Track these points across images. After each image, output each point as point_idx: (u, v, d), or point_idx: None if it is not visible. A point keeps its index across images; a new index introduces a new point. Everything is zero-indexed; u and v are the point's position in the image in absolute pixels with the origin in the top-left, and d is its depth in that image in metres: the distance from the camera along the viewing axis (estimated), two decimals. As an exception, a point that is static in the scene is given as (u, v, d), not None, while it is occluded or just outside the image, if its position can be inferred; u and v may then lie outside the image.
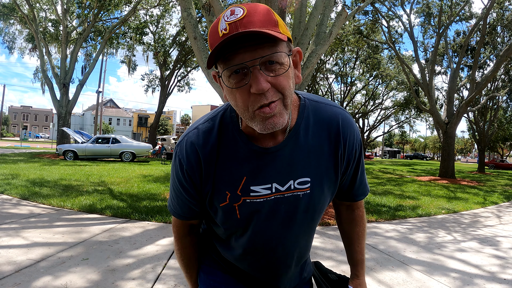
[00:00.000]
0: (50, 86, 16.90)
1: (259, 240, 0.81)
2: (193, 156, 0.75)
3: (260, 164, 0.75)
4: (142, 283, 2.63)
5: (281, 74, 0.63)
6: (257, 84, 0.61)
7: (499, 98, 21.11)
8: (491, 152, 43.09)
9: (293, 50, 0.68)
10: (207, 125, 0.77)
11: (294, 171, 0.76)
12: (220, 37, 0.61)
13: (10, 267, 2.75)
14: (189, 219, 0.87)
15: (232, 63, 0.61)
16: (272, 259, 0.84)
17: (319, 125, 0.78)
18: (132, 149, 15.36)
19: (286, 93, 0.64)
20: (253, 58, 0.60)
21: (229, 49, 0.61)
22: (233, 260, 0.88)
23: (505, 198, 8.89)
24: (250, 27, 0.59)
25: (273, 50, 0.61)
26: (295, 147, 0.76)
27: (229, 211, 0.78)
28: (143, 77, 26.32)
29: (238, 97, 0.64)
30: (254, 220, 0.79)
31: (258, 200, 0.76)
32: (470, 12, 17.02)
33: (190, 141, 0.77)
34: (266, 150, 0.74)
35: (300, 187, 0.77)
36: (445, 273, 3.16)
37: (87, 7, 17.65)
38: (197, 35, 5.03)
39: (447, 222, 5.56)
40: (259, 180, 0.75)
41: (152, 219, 4.66)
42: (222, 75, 0.64)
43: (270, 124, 0.65)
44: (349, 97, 28.42)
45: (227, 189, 0.76)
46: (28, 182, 7.04)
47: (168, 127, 63.28)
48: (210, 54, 0.62)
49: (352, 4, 15.17)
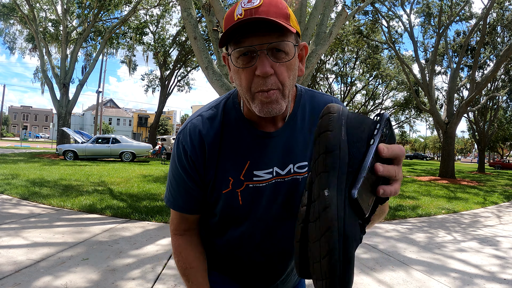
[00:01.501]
0: (50, 86, 16.89)
1: (259, 226, 0.81)
2: (197, 142, 0.76)
3: (262, 148, 0.78)
4: (142, 283, 2.63)
5: (285, 62, 0.67)
6: (262, 67, 0.65)
7: (499, 98, 21.11)
8: (491, 152, 43.08)
9: (300, 43, 0.72)
10: (210, 112, 0.80)
11: (294, 155, 0.79)
12: (235, 21, 0.65)
13: (10, 267, 2.75)
14: (190, 212, 0.84)
15: (242, 45, 0.66)
16: (271, 246, 0.84)
17: (315, 112, 0.82)
18: (132, 149, 15.35)
19: (286, 83, 0.68)
20: (262, 43, 0.65)
21: (241, 33, 0.65)
22: (231, 252, 0.87)
23: (505, 198, 8.89)
24: (263, 15, 0.63)
25: (281, 38, 0.65)
26: (294, 132, 0.79)
27: (231, 198, 0.79)
28: (143, 77, 26.32)
29: (243, 77, 0.68)
30: (256, 205, 0.80)
31: (261, 185, 0.78)
32: (470, 12, 17.02)
33: (194, 127, 0.78)
34: (268, 135, 0.77)
35: (299, 171, 0.80)
36: (445, 273, 3.16)
37: (87, 7, 17.65)
38: (197, 35, 5.03)
39: (447, 222, 5.56)
40: (261, 165, 0.78)
41: (152, 219, 4.66)
42: (231, 55, 0.68)
43: (267, 108, 0.68)
44: (349, 97, 28.40)
45: (230, 175, 0.77)
46: (28, 182, 7.04)
47: (168, 127, 63.25)
48: (222, 34, 0.66)
49: (352, 4, 15.17)
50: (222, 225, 0.85)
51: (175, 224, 0.87)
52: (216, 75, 4.93)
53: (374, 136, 0.49)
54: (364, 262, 3.37)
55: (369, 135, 0.50)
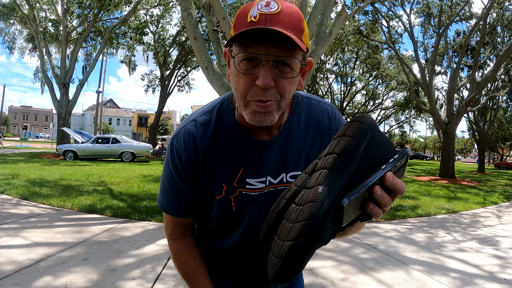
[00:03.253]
0: (50, 86, 16.89)
1: (252, 233, 0.81)
2: (191, 147, 0.75)
3: (256, 156, 0.77)
4: (142, 283, 2.63)
5: (288, 78, 0.65)
6: (264, 78, 0.62)
7: (499, 98, 21.10)
8: (491, 152, 43.06)
9: (307, 60, 0.70)
10: (204, 117, 0.78)
11: (287, 164, 0.79)
12: (248, 23, 0.62)
13: (10, 267, 2.75)
14: (184, 216, 0.83)
15: (249, 50, 0.63)
16: (265, 254, 0.84)
17: (310, 122, 0.81)
18: (132, 149, 15.35)
19: (285, 96, 0.67)
20: (270, 53, 0.62)
21: (251, 37, 0.62)
22: (225, 256, 0.87)
23: (505, 198, 8.89)
24: (278, 25, 0.61)
25: (290, 53, 0.63)
26: (288, 141, 0.78)
27: (225, 204, 0.78)
28: (143, 77, 26.31)
29: (242, 82, 0.66)
30: (249, 212, 0.79)
31: (253, 194, 0.78)
32: (470, 12, 17.01)
33: (188, 132, 0.76)
34: (262, 143, 0.76)
35: (292, 180, 0.79)
36: (445, 273, 3.16)
37: (87, 7, 17.64)
38: (197, 35, 5.03)
39: (447, 222, 5.56)
40: (254, 173, 0.77)
41: (152, 219, 4.66)
42: (235, 57, 0.65)
43: (259, 118, 0.66)
44: (349, 97, 28.39)
45: (223, 182, 0.77)
46: (28, 182, 7.04)
47: (168, 127, 63.24)
48: (232, 36, 0.64)
49: (352, 4, 15.17)
50: (218, 230, 0.85)
51: (171, 229, 0.85)
52: (216, 75, 4.93)
53: (387, 163, 0.52)
54: (364, 262, 3.37)
55: (383, 159, 0.53)
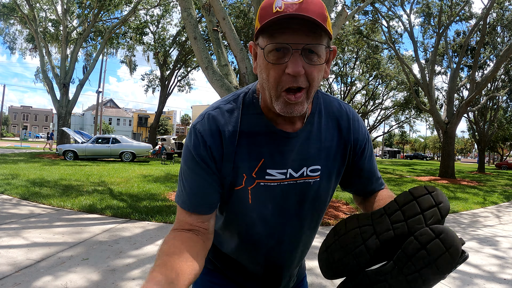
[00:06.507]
0: (50, 86, 16.90)
1: (267, 227, 0.81)
2: (216, 132, 0.74)
3: (279, 147, 0.76)
4: (142, 283, 2.63)
5: (316, 65, 0.66)
6: (294, 66, 0.63)
7: (499, 98, 21.09)
8: (491, 152, 43.07)
9: (332, 47, 0.71)
10: (229, 106, 0.77)
11: (308, 158, 0.79)
12: (273, 13, 0.63)
13: (10, 267, 2.75)
14: (202, 212, 0.75)
15: (277, 40, 0.64)
16: (277, 248, 0.84)
17: (330, 117, 0.82)
18: (132, 149, 15.35)
19: (314, 84, 0.68)
20: (298, 42, 0.63)
21: (277, 27, 0.63)
22: (234, 253, 0.87)
23: (505, 198, 8.89)
24: (304, 13, 0.62)
25: (317, 41, 0.64)
26: (311, 135, 0.79)
27: (243, 195, 0.77)
28: (143, 77, 26.34)
29: (272, 73, 0.66)
30: (265, 205, 0.79)
31: (272, 184, 0.77)
32: (470, 12, 16.99)
33: (213, 118, 0.75)
34: (286, 135, 0.76)
35: (312, 174, 0.79)
36: (445, 273, 3.16)
37: (87, 7, 17.64)
38: (197, 35, 5.03)
39: (447, 222, 5.56)
40: (276, 164, 0.76)
41: (152, 219, 4.66)
42: (264, 49, 0.66)
43: (290, 109, 0.68)
44: (349, 97, 28.38)
45: (244, 172, 0.76)
46: (28, 182, 7.04)
47: (168, 127, 63.28)
48: (260, 27, 0.64)
49: (352, 4, 15.17)
50: (228, 225, 0.84)
51: (179, 223, 0.76)
52: (216, 75, 4.93)
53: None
54: (364, 262, 3.37)
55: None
